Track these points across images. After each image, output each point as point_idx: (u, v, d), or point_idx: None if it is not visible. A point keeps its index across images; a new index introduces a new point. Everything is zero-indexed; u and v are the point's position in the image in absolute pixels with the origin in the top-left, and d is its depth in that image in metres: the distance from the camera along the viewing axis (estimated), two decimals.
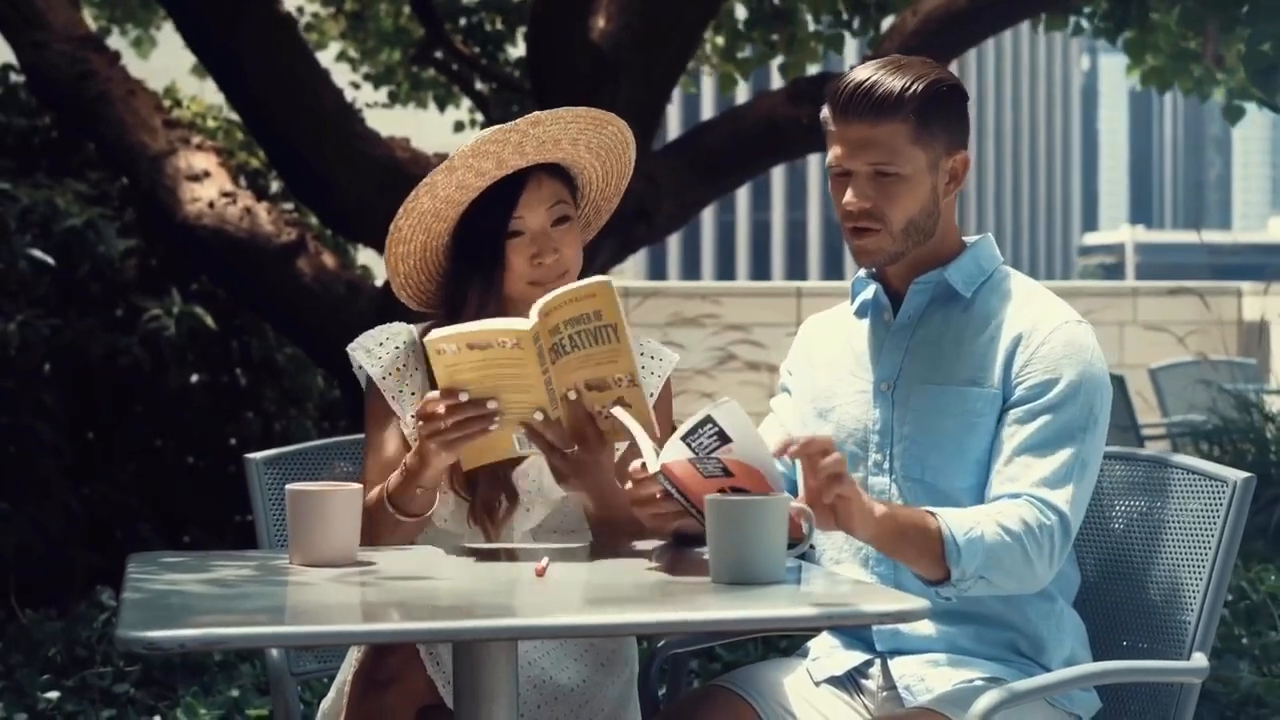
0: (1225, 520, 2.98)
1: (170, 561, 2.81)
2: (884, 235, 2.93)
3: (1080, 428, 2.85)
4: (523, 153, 3.01)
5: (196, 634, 2.17)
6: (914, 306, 2.99)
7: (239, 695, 4.59)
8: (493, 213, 3.05)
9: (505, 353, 2.76)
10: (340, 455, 3.47)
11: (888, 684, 2.95)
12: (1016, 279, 3.00)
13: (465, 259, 3.07)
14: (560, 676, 3.01)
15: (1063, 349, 2.88)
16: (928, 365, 2.95)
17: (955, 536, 2.75)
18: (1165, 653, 3.00)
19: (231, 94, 6.97)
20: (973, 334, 2.94)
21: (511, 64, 9.46)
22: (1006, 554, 2.77)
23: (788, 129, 7.35)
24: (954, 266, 2.97)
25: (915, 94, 2.88)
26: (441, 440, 2.83)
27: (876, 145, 2.89)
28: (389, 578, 2.67)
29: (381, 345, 3.14)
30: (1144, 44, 8.64)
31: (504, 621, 2.39)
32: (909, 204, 2.91)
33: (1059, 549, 2.82)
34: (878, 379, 2.98)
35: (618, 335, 2.76)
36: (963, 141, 2.97)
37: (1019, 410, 2.87)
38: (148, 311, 7.23)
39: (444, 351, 2.77)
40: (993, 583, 2.79)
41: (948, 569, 2.75)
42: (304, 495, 2.76)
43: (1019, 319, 2.92)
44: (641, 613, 2.44)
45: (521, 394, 2.80)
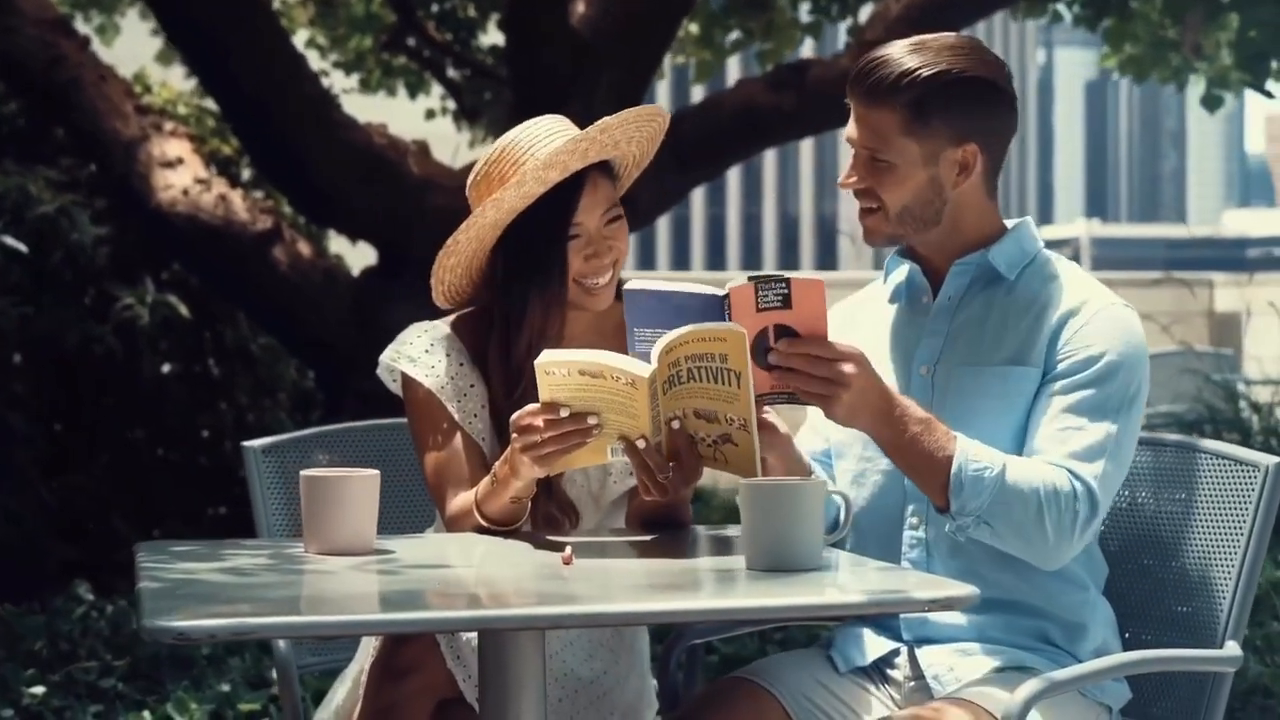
0: (1257, 506, 2.92)
1: (181, 550, 2.73)
2: (881, 217, 2.87)
3: (1117, 406, 2.79)
4: (586, 159, 2.95)
5: (227, 623, 2.09)
6: (955, 288, 2.92)
7: (230, 690, 4.51)
8: (551, 217, 2.96)
9: (616, 385, 2.68)
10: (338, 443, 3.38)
11: (915, 674, 2.88)
12: (1060, 263, 2.94)
13: (521, 263, 2.98)
14: (582, 669, 2.95)
15: (1109, 326, 2.82)
16: (969, 348, 2.88)
17: (963, 469, 2.69)
18: (1196, 641, 2.94)
19: (209, 79, 6.89)
20: (1017, 315, 2.87)
21: (484, 51, 9.37)
22: (1019, 507, 2.70)
23: (768, 116, 7.30)
24: (996, 249, 2.91)
25: (914, 82, 2.80)
26: (536, 454, 2.72)
27: (870, 128, 2.84)
28: (410, 566, 2.60)
29: (428, 353, 3.03)
30: (1123, 32, 8.60)
31: (538, 610, 2.31)
32: (901, 193, 2.84)
33: (1082, 524, 2.74)
34: (917, 362, 2.91)
35: (739, 383, 2.65)
36: (975, 132, 2.84)
37: (1060, 383, 2.81)
38: (121, 300, 7.12)
39: (553, 374, 2.69)
40: (997, 533, 2.72)
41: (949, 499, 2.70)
42: (320, 481, 2.68)
43: (1067, 299, 2.86)
44: (676, 601, 2.36)
45: (624, 416, 2.71)
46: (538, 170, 2.90)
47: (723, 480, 10.02)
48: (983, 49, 2.88)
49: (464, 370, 3.02)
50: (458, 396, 3.00)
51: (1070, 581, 2.85)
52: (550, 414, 2.69)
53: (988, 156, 2.88)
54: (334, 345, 6.91)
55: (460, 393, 3.01)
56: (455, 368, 3.02)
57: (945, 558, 2.84)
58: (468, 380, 3.02)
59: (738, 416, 2.66)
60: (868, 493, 2.92)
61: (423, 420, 3.02)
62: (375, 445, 3.40)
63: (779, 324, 2.63)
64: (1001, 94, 2.88)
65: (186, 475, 7.48)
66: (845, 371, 2.64)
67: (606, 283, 2.98)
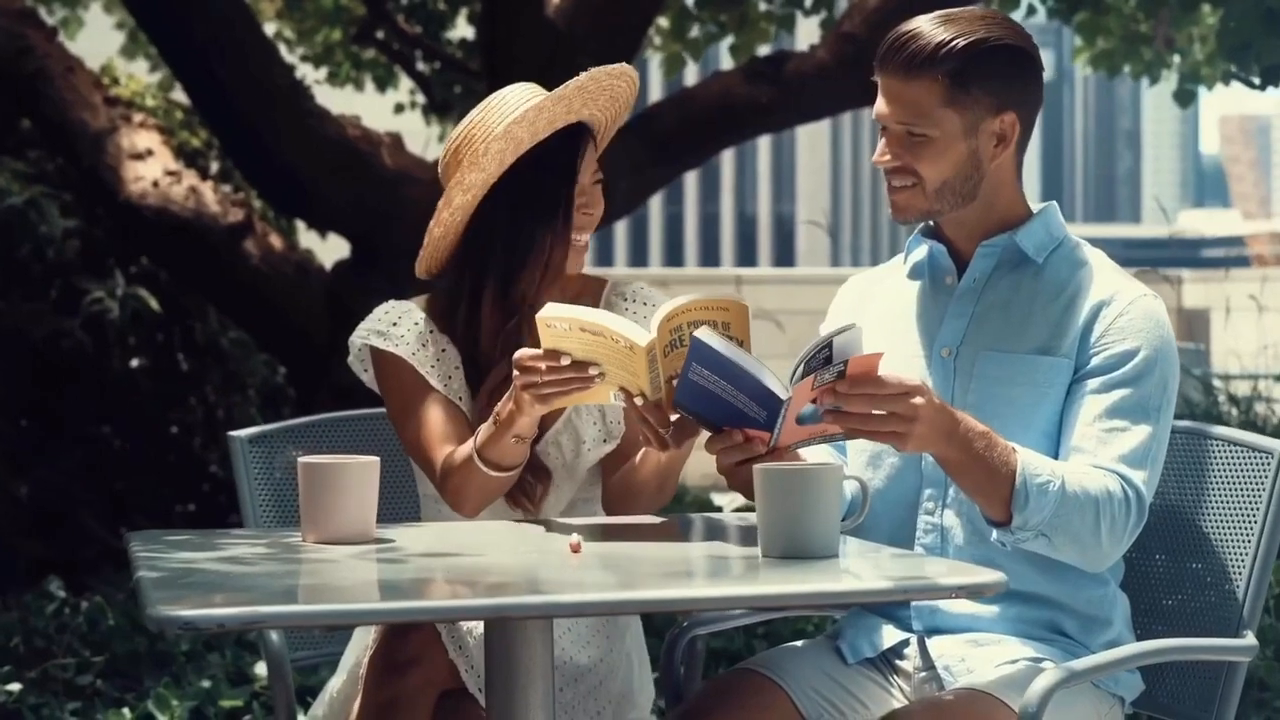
0: (1272, 493, 2.87)
1: (175, 540, 2.66)
2: (917, 192, 2.81)
3: (1156, 405, 2.75)
4: (597, 103, 2.99)
5: (236, 613, 2.02)
6: (980, 270, 2.86)
7: (211, 686, 4.43)
8: (559, 160, 2.98)
9: (616, 345, 2.66)
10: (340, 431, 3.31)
11: (926, 664, 2.82)
12: (1088, 249, 2.89)
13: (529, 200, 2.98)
14: (580, 656, 2.90)
15: (1142, 320, 2.77)
16: (995, 332, 2.82)
17: (1028, 483, 2.63)
18: (1213, 628, 2.89)
19: (181, 69, 6.80)
20: (1045, 301, 2.81)
21: (455, 44, 9.30)
22: (1078, 518, 2.65)
23: (743, 109, 7.24)
24: (1024, 231, 2.85)
25: (952, 52, 2.74)
26: (536, 393, 2.72)
27: (906, 103, 2.77)
28: (414, 554, 2.53)
29: (396, 325, 3.04)
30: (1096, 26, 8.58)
31: (554, 598, 2.24)
32: (941, 166, 2.78)
33: (1130, 530, 2.71)
34: (938, 344, 2.84)
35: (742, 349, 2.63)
36: (1014, 101, 2.80)
37: (1096, 380, 2.75)
38: (90, 294, 7.03)
39: (554, 326, 2.68)
40: (1054, 544, 2.67)
41: (1010, 513, 2.63)
42: (320, 468, 2.61)
43: (1097, 288, 2.80)
44: (695, 588, 2.30)
45: (624, 372, 2.69)
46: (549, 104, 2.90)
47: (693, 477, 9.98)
48: (1010, 19, 2.83)
49: (434, 336, 3.02)
50: (431, 361, 3.00)
51: (1092, 576, 2.79)
52: (551, 360, 2.70)
53: (1020, 128, 2.82)
54: (306, 339, 6.83)
55: (434, 357, 3.01)
56: (425, 334, 3.02)
57: (962, 545, 2.78)
58: (438, 345, 3.02)
59: None
60: (882, 476, 2.86)
61: (399, 390, 3.00)
62: (364, 435, 3.33)
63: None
64: (1035, 63, 2.83)
65: (156, 472, 7.39)
66: (915, 405, 2.55)
67: (586, 242, 3.02)
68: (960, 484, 2.69)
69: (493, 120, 2.95)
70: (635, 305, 3.08)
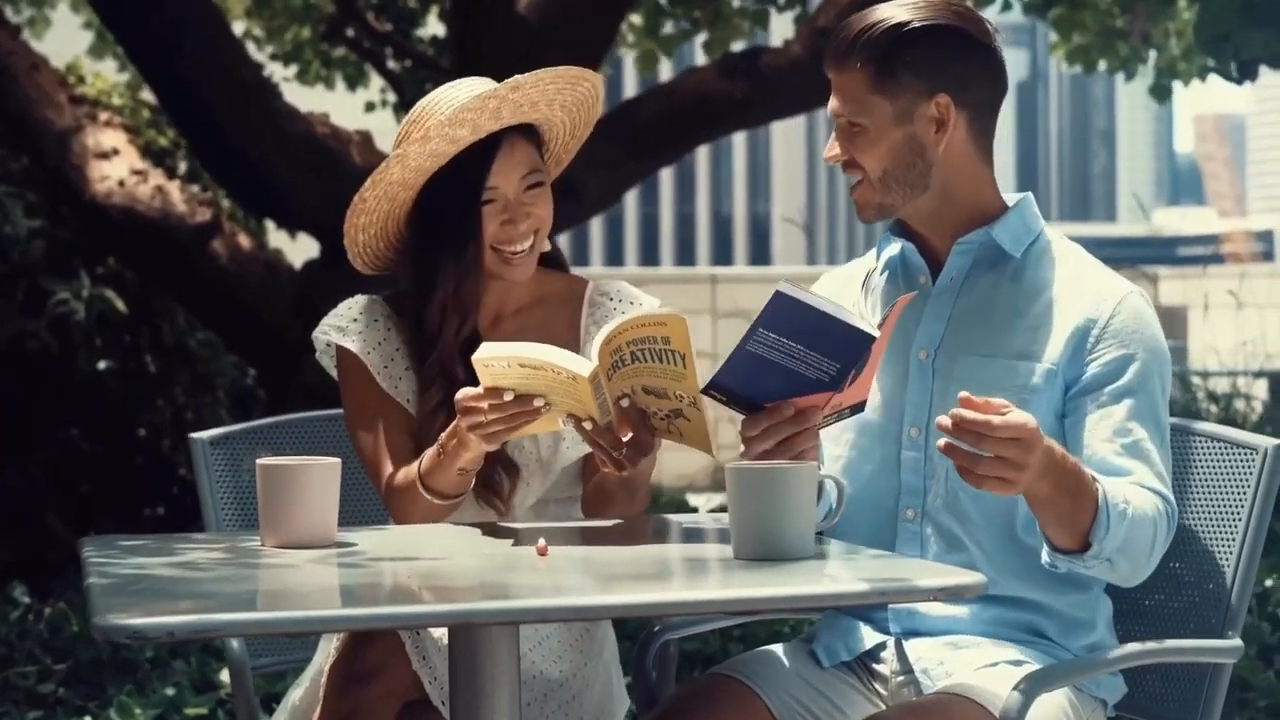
0: (1256, 491, 2.81)
1: (130, 545, 2.57)
2: (866, 186, 2.75)
3: (1162, 410, 2.71)
4: (499, 118, 2.84)
5: (187, 620, 1.94)
6: (957, 268, 2.78)
7: (175, 694, 4.34)
8: (464, 180, 2.86)
9: (558, 377, 2.60)
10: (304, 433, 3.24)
11: (904, 668, 2.75)
12: (1065, 243, 2.82)
13: (433, 228, 2.89)
14: (551, 670, 2.82)
15: (1133, 323, 2.70)
16: (975, 334, 2.74)
17: (1111, 511, 2.56)
18: (1195, 631, 2.83)
19: (146, 66, 6.72)
20: (1026, 303, 2.74)
21: (426, 42, 9.22)
22: (1140, 542, 2.61)
23: (719, 104, 7.20)
24: (1000, 226, 2.77)
25: (873, 38, 2.69)
26: (483, 432, 2.64)
27: (841, 93, 2.74)
28: (376, 559, 2.45)
29: (355, 321, 2.96)
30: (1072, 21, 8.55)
31: (519, 603, 2.16)
32: (878, 155, 2.72)
33: (1165, 548, 2.67)
34: (916, 345, 2.77)
35: (685, 364, 2.56)
36: (946, 84, 2.70)
37: (1102, 393, 2.68)
38: (55, 295, 6.95)
39: (491, 365, 2.60)
40: (1115, 567, 2.61)
41: (1087, 541, 2.56)
42: (279, 470, 2.53)
43: (1081, 291, 2.73)
44: (666, 592, 2.23)
45: (570, 399, 2.63)
46: (443, 127, 2.80)
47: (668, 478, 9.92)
48: (957, 3, 2.73)
49: (391, 335, 2.95)
50: (384, 361, 2.93)
51: (1075, 580, 2.72)
52: (494, 398, 2.61)
53: (968, 112, 2.73)
54: (275, 339, 6.76)
55: (387, 356, 2.94)
56: (382, 332, 2.95)
57: (942, 553, 2.71)
58: (393, 344, 2.95)
59: (687, 394, 2.58)
60: (859, 484, 2.78)
61: (354, 392, 2.94)
62: (329, 436, 3.26)
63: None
64: (974, 44, 2.72)
65: (123, 474, 7.31)
66: (1026, 456, 2.43)
67: (526, 251, 2.90)
68: (1042, 515, 2.58)
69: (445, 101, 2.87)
70: (620, 304, 3.00)
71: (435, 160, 2.84)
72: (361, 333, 2.94)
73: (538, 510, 2.94)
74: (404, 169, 2.83)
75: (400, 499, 2.81)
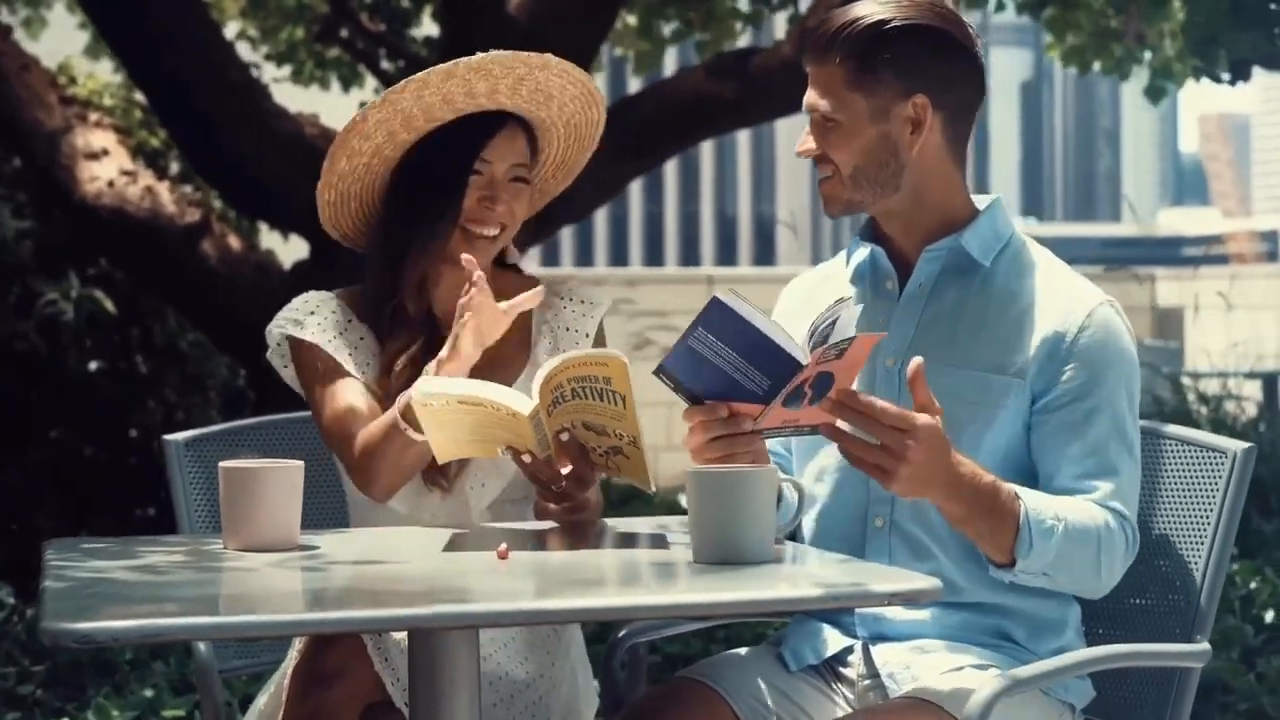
0: (1225, 494, 2.80)
1: (92, 548, 2.56)
2: (837, 182, 2.74)
3: (1130, 425, 2.69)
4: (516, 92, 2.90)
5: (132, 625, 1.93)
6: (926, 275, 2.76)
7: (154, 695, 4.33)
8: (458, 146, 2.89)
9: (498, 414, 2.63)
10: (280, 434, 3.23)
11: (870, 672, 2.74)
12: (1034, 249, 2.80)
13: (416, 190, 2.90)
14: (517, 671, 2.81)
15: (1103, 336, 2.69)
16: (943, 344, 2.72)
17: (1032, 528, 2.57)
18: (1163, 635, 2.82)
19: (135, 67, 6.72)
20: (995, 313, 2.72)
21: (419, 42, 9.20)
22: (1080, 558, 2.61)
23: (711, 105, 7.18)
24: (970, 233, 2.75)
25: (853, 34, 2.68)
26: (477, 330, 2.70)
27: (818, 87, 2.73)
28: (336, 562, 2.45)
29: (313, 315, 2.97)
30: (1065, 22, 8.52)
31: (469, 607, 2.15)
32: (852, 151, 2.71)
33: (1125, 562, 2.67)
34: (883, 353, 2.75)
35: (624, 404, 2.58)
36: (925, 84, 2.70)
37: (1068, 411, 2.67)
38: (44, 296, 6.94)
39: (430, 404, 2.62)
40: (1054, 580, 2.62)
41: (1014, 557, 2.57)
42: (240, 473, 2.53)
43: (1051, 302, 2.71)
44: (624, 596, 2.22)
45: (509, 434, 2.66)
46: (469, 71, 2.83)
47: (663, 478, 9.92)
48: (940, 5, 2.74)
49: (352, 325, 2.96)
50: (348, 348, 2.94)
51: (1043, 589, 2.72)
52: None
53: (944, 114, 2.72)
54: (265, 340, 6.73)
55: (350, 344, 2.94)
56: (343, 323, 2.96)
57: (910, 562, 2.70)
58: (356, 333, 2.96)
59: (626, 433, 2.61)
60: (829, 492, 2.78)
61: (316, 376, 2.94)
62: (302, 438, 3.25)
63: (821, 371, 2.49)
64: (956, 46, 2.72)
65: (115, 474, 7.30)
66: (906, 445, 2.46)
67: (492, 237, 2.92)
68: (961, 531, 2.61)
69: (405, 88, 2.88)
70: (573, 305, 3.00)
71: (445, 108, 2.85)
72: (320, 324, 2.94)
73: (495, 510, 2.93)
74: (417, 100, 2.84)
75: (373, 445, 2.79)
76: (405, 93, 2.83)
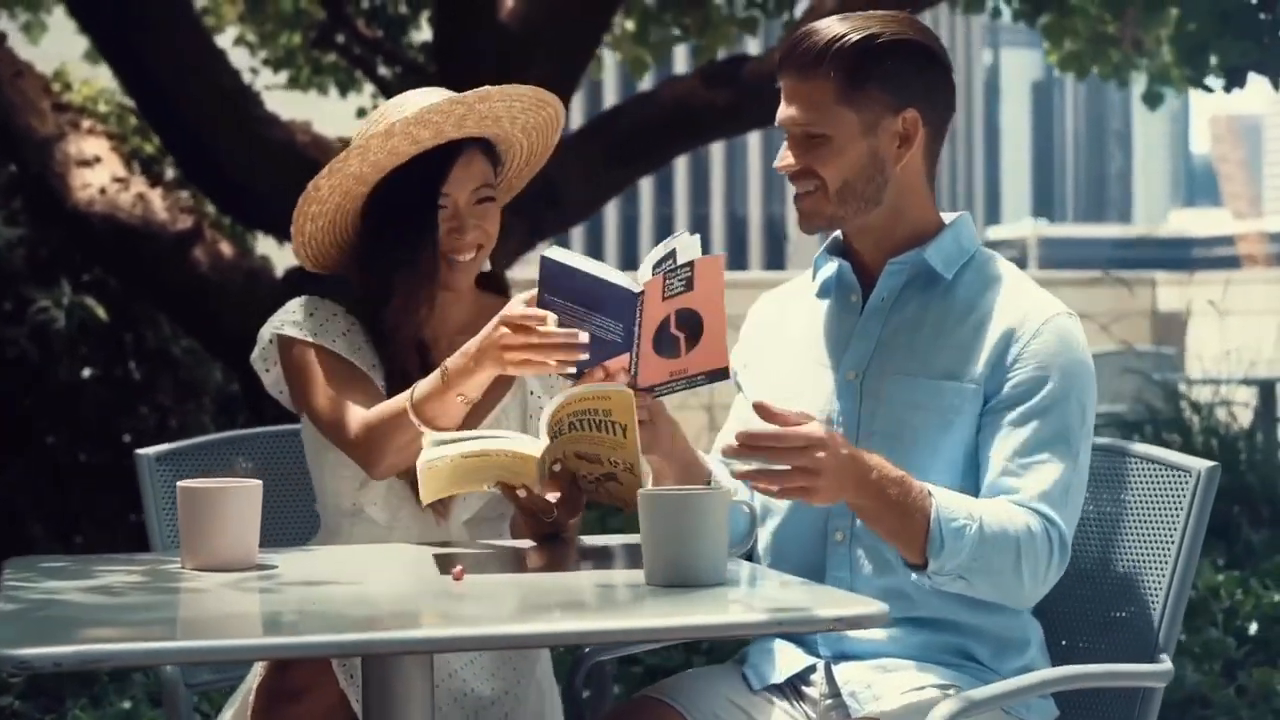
0: (1189, 513, 2.79)
1: (50, 567, 2.56)
2: (820, 197, 2.73)
3: (1076, 434, 2.67)
4: (463, 126, 2.88)
5: (73, 651, 1.93)
6: (889, 289, 2.77)
7: (131, 707, 4.33)
8: (419, 184, 2.88)
9: (499, 460, 2.63)
10: (240, 450, 3.22)
11: (832, 691, 2.73)
12: (1000, 263, 2.80)
13: (385, 230, 2.89)
14: (483, 689, 2.81)
15: (1056, 344, 2.68)
16: (902, 354, 2.73)
17: (943, 526, 2.54)
18: (1128, 651, 2.81)
19: (125, 74, 6.72)
20: (954, 322, 2.72)
21: (416, 48, 9.20)
22: (998, 560, 2.58)
23: (701, 113, 7.17)
24: (934, 246, 2.76)
25: (844, 48, 2.68)
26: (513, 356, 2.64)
27: (804, 103, 2.71)
28: (290, 583, 2.44)
29: (312, 316, 2.94)
30: (1062, 28, 8.50)
31: (418, 633, 2.16)
32: (841, 166, 2.71)
33: (1055, 569, 2.64)
34: (844, 366, 2.75)
35: (625, 434, 2.58)
36: (914, 98, 2.72)
37: (1012, 412, 2.66)
38: (36, 303, 6.95)
39: (435, 466, 2.61)
40: (973, 585, 2.59)
41: (926, 557, 2.55)
42: (197, 493, 2.53)
43: (1008, 310, 2.71)
44: (571, 621, 2.21)
45: (510, 474, 2.67)
46: (407, 125, 2.82)
47: None
48: (915, 19, 2.75)
49: (355, 328, 2.94)
50: (351, 351, 2.91)
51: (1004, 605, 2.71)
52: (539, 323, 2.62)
53: (928, 130, 2.74)
54: None
55: (354, 347, 2.92)
56: (346, 325, 2.94)
57: (870, 576, 2.70)
58: (360, 338, 2.94)
59: (623, 460, 2.61)
60: (789, 507, 2.78)
61: (312, 369, 2.90)
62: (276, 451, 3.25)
63: (680, 308, 2.54)
64: (939, 63, 2.75)
65: (108, 480, 7.30)
66: (819, 459, 2.47)
67: (469, 261, 2.92)
68: (874, 529, 2.61)
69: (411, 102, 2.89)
70: None
71: (394, 158, 2.85)
72: (323, 324, 2.92)
73: (472, 526, 2.93)
74: (363, 162, 2.84)
75: (381, 427, 2.77)
76: (350, 160, 2.83)
